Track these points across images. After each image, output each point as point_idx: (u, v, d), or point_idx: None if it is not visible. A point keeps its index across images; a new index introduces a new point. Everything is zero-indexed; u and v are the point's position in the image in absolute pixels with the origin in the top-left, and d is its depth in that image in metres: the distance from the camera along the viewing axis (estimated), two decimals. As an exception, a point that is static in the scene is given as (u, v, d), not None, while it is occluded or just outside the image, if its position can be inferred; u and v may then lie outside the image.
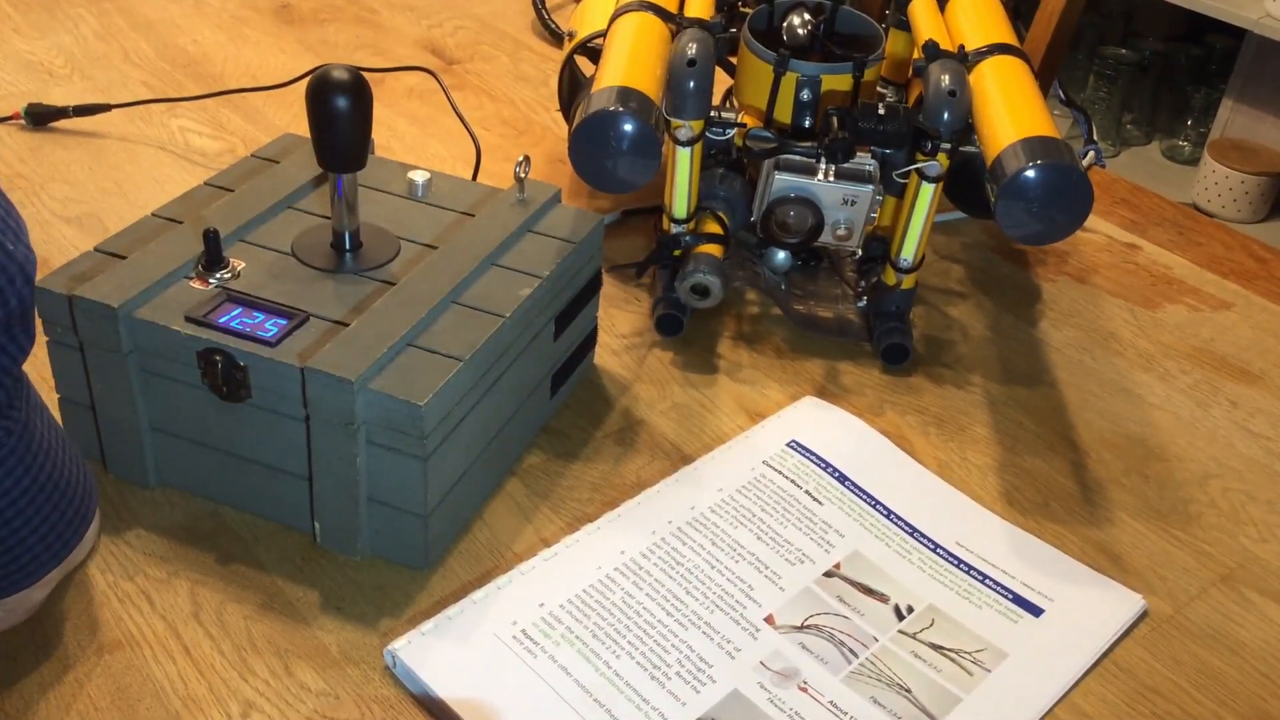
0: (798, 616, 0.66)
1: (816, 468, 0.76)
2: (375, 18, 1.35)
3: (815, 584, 0.68)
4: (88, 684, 0.60)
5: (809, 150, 0.80)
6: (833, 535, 0.71)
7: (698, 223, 0.86)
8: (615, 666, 0.62)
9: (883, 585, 0.69)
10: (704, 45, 0.79)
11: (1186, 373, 0.89)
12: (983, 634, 0.66)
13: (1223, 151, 2.60)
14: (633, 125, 0.72)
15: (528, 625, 0.64)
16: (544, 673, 0.61)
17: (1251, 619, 0.69)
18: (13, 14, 1.30)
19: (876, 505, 0.74)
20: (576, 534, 0.69)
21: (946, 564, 0.70)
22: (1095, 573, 0.71)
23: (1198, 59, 2.81)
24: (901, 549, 0.71)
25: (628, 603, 0.66)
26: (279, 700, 0.60)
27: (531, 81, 1.24)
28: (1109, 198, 1.10)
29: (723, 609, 0.66)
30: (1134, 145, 2.90)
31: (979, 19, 0.86)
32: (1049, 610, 0.68)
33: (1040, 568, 0.70)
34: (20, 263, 0.54)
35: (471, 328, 0.67)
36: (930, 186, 0.80)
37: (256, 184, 0.78)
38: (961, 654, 0.65)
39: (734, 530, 0.71)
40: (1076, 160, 0.72)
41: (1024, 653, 0.65)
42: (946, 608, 0.68)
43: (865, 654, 0.64)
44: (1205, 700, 0.64)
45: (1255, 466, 0.80)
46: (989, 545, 0.72)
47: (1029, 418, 0.83)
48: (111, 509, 0.70)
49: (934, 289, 0.95)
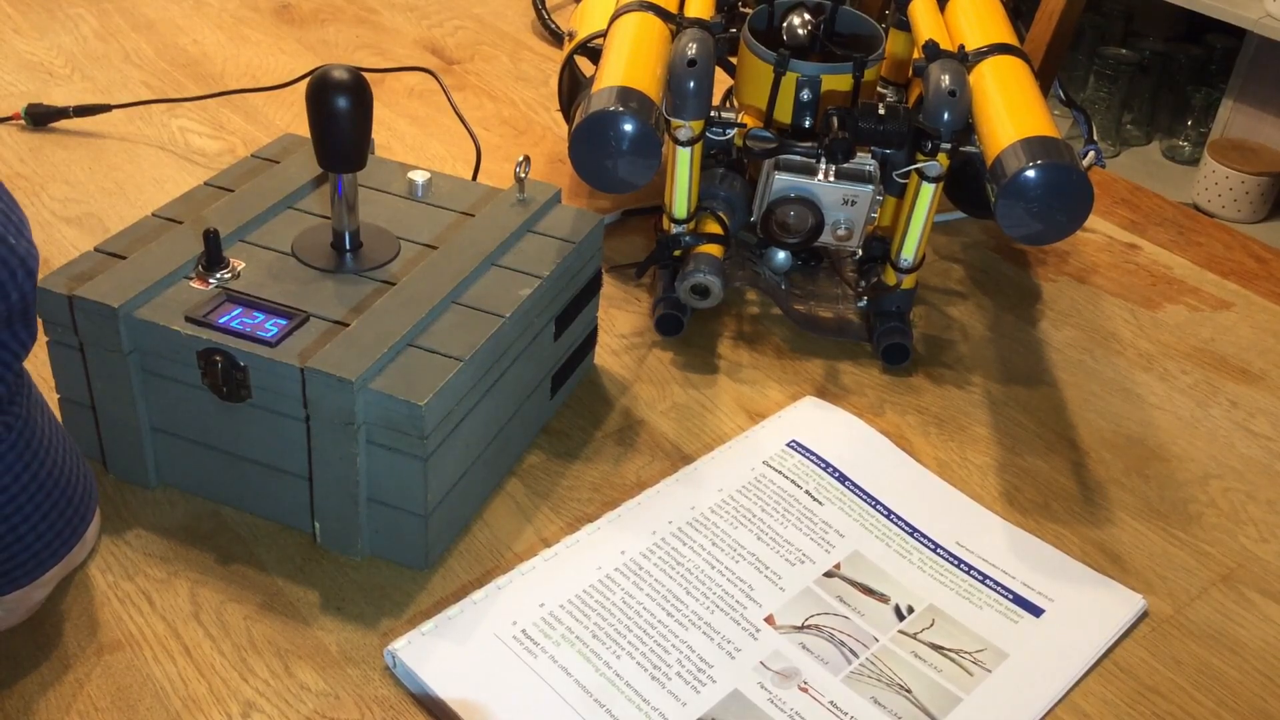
0: (798, 617, 0.66)
1: (816, 468, 0.76)
2: (375, 18, 1.35)
3: (815, 584, 0.68)
4: (88, 684, 0.60)
5: (809, 150, 0.80)
6: (833, 535, 0.71)
7: (698, 223, 0.86)
8: (615, 666, 0.62)
9: (883, 585, 0.68)
10: (704, 45, 0.79)
11: (1186, 373, 0.89)
12: (983, 634, 0.66)
13: (1223, 151, 2.60)
14: (633, 125, 0.72)
15: (528, 625, 0.64)
16: (544, 673, 0.61)
17: (1251, 619, 0.69)
18: (13, 14, 1.30)
19: (877, 505, 0.74)
20: (576, 534, 0.69)
21: (947, 564, 0.70)
22: (1095, 573, 0.71)
23: (1198, 59, 2.81)
24: (902, 549, 0.71)
25: (628, 603, 0.66)
26: (279, 700, 0.60)
27: (531, 81, 1.24)
28: (1109, 198, 1.10)
29: (723, 609, 0.66)
30: (1134, 145, 2.90)
31: (979, 19, 0.86)
32: (1049, 610, 0.68)
33: (1040, 568, 0.70)
34: (22, 257, 0.53)
35: (471, 328, 0.67)
36: (930, 186, 0.80)
37: (256, 184, 0.78)
38: (962, 654, 0.65)
39: (734, 530, 0.71)
40: (1076, 160, 0.72)
41: (1024, 653, 0.65)
42: (947, 608, 0.68)
43: (865, 654, 0.64)
44: (1205, 700, 0.64)
45: (1255, 466, 0.80)
46: (989, 545, 0.72)
47: (1029, 418, 0.83)
48: (111, 509, 0.70)
49: (934, 289, 0.95)
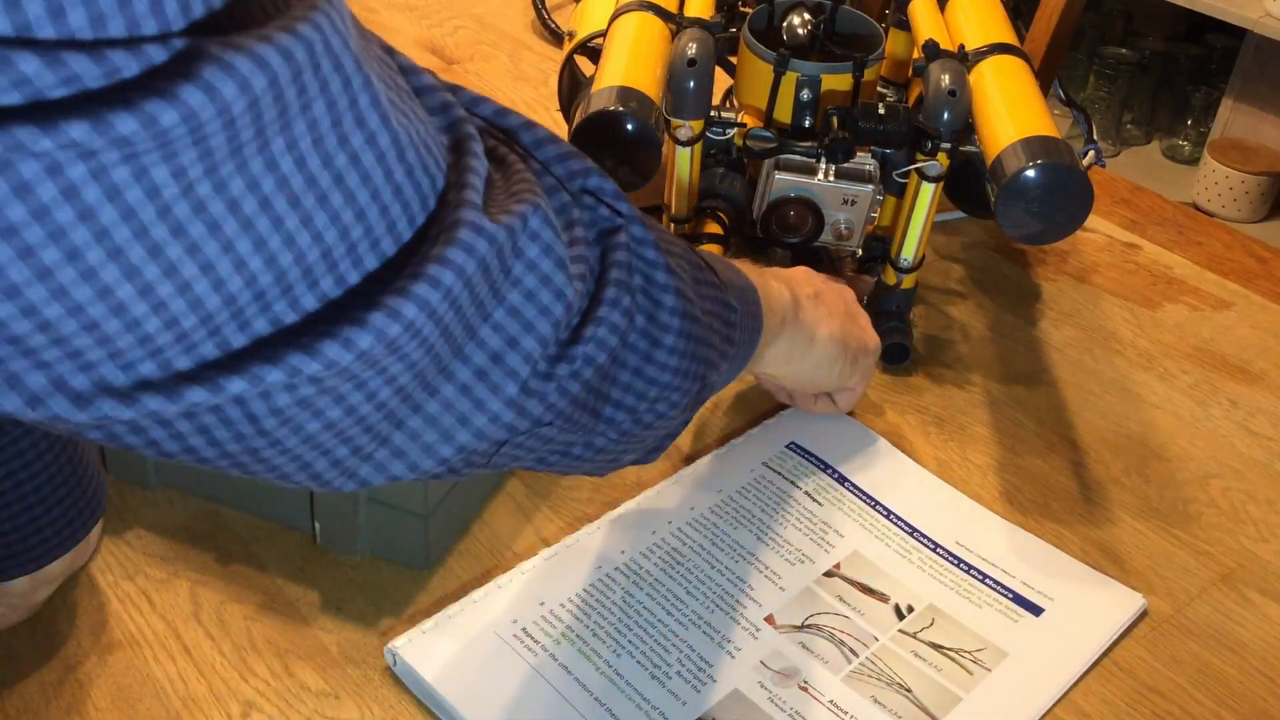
0: (798, 616, 0.66)
1: (816, 469, 0.76)
2: (375, 18, 1.35)
3: (815, 584, 0.68)
4: (88, 684, 0.60)
5: (809, 150, 0.80)
6: (832, 535, 0.71)
7: (698, 222, 0.86)
8: (616, 665, 0.62)
9: (883, 585, 0.69)
10: (704, 45, 0.79)
11: (1186, 372, 0.89)
12: (983, 633, 0.66)
13: (1223, 151, 2.60)
14: (633, 125, 0.72)
15: (528, 624, 0.64)
16: (544, 671, 0.61)
17: (1251, 619, 0.69)
18: (13, 14, 1.30)
19: (876, 505, 0.74)
20: (576, 534, 0.70)
21: (946, 563, 0.70)
22: (1095, 572, 0.71)
23: (1198, 59, 2.81)
24: (901, 549, 0.71)
25: (628, 602, 0.66)
26: (279, 700, 0.60)
27: (531, 81, 1.24)
28: (1109, 198, 1.10)
29: (723, 609, 0.66)
30: (1134, 145, 2.90)
31: (979, 19, 0.86)
32: (1049, 610, 0.68)
33: (1040, 567, 0.70)
34: None
35: (471, 327, 0.67)
36: (930, 186, 0.80)
37: (256, 184, 0.78)
38: (961, 653, 0.65)
39: (734, 531, 0.71)
40: (1076, 160, 0.72)
41: (1024, 652, 0.65)
42: (946, 607, 0.68)
43: (865, 653, 0.64)
44: (1205, 700, 0.64)
45: (1255, 466, 0.80)
46: (989, 545, 0.72)
47: (1029, 417, 0.83)
48: (112, 509, 0.70)
49: (934, 289, 0.95)
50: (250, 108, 0.33)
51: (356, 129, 0.37)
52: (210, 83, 0.31)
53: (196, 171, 0.33)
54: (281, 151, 0.35)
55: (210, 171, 0.33)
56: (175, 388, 0.36)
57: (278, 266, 0.36)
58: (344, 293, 0.38)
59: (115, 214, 0.32)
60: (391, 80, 0.40)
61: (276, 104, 0.34)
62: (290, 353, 0.37)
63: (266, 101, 0.33)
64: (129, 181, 0.32)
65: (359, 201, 0.38)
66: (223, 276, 0.35)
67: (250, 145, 0.34)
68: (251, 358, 0.37)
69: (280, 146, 0.35)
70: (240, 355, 0.37)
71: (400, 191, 0.39)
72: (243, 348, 0.37)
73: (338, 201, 0.37)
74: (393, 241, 0.39)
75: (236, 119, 0.33)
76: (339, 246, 0.38)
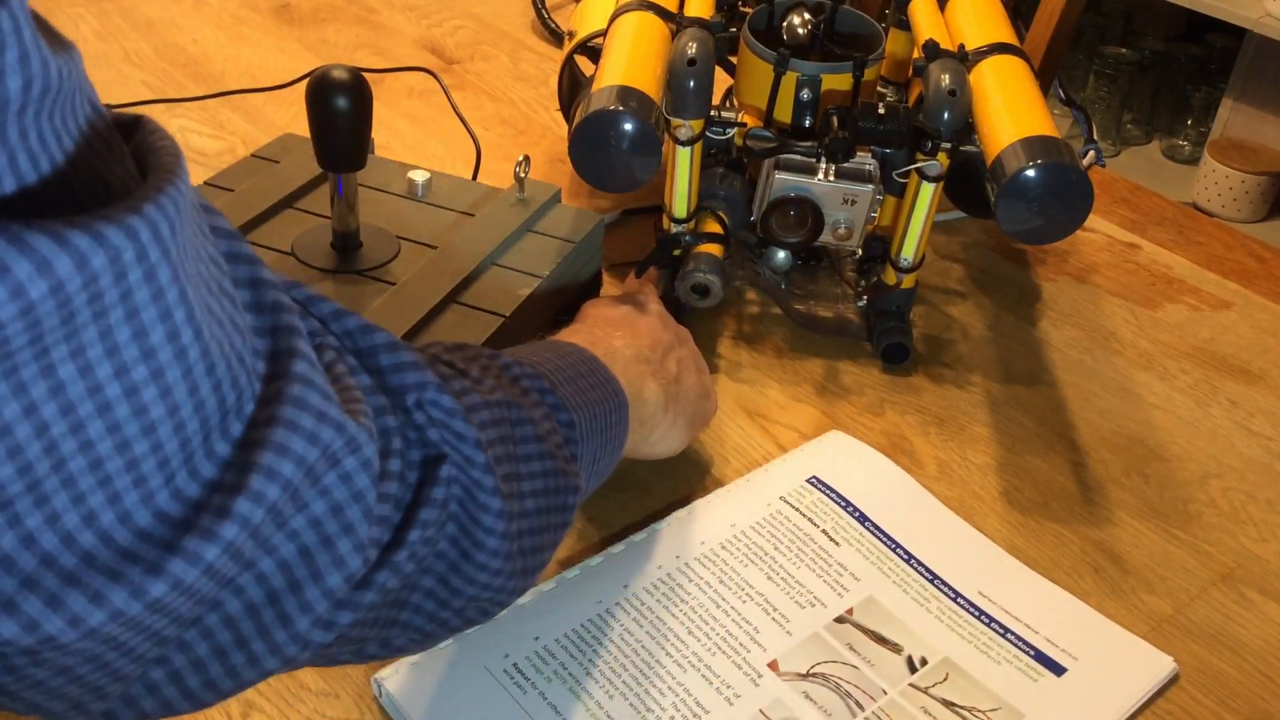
0: (803, 663, 0.62)
1: (836, 506, 0.72)
2: (375, 18, 1.35)
3: (825, 629, 0.64)
4: (88, 684, 0.60)
5: (809, 150, 0.80)
6: (848, 578, 0.68)
7: (698, 222, 0.86)
8: (607, 707, 0.59)
9: (896, 634, 0.65)
10: (704, 45, 0.79)
11: (1186, 372, 0.89)
12: (999, 692, 0.62)
13: (1223, 151, 2.60)
14: (633, 125, 0.72)
15: (520, 659, 0.61)
16: (532, 710, 0.59)
17: (1251, 619, 0.69)
18: (13, 14, 1.30)
19: (897, 549, 0.70)
20: (577, 566, 0.67)
21: (966, 614, 0.66)
22: (1124, 631, 0.67)
23: (1198, 59, 2.81)
24: (920, 596, 0.67)
25: (626, 640, 0.63)
26: (279, 700, 0.60)
27: (531, 81, 1.24)
28: (1109, 197, 1.10)
29: (725, 652, 0.63)
30: (1134, 145, 2.90)
31: (979, 18, 0.86)
32: (1072, 669, 0.64)
33: (1067, 623, 0.66)
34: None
35: (471, 327, 0.67)
36: (930, 186, 0.80)
37: (256, 184, 0.78)
38: (975, 712, 0.61)
39: (744, 569, 0.67)
40: (1076, 159, 0.72)
41: (1042, 714, 0.61)
42: (963, 661, 0.64)
43: (872, 707, 0.60)
44: (1205, 700, 0.64)
45: (1255, 466, 0.80)
46: (1014, 597, 0.68)
47: (1029, 417, 0.83)
48: (111, 509, 0.69)
49: (934, 289, 0.95)
50: (23, 314, 0.29)
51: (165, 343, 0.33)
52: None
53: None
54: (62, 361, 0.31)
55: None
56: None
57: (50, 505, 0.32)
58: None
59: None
60: (214, 282, 0.37)
61: (60, 311, 0.30)
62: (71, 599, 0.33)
63: (46, 309, 0.29)
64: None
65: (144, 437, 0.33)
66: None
67: (22, 353, 0.30)
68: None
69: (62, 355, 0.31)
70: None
71: (192, 421, 0.35)
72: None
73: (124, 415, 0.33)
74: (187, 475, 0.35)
75: (5, 324, 0.29)
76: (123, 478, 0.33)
